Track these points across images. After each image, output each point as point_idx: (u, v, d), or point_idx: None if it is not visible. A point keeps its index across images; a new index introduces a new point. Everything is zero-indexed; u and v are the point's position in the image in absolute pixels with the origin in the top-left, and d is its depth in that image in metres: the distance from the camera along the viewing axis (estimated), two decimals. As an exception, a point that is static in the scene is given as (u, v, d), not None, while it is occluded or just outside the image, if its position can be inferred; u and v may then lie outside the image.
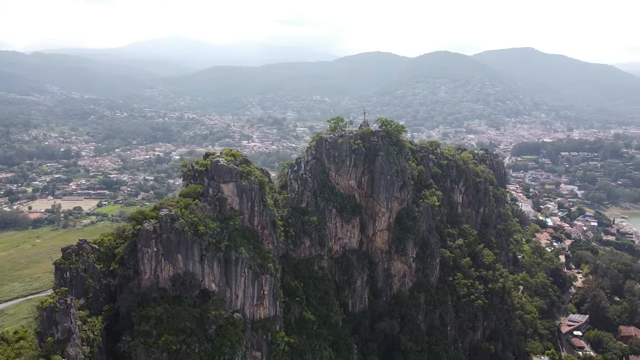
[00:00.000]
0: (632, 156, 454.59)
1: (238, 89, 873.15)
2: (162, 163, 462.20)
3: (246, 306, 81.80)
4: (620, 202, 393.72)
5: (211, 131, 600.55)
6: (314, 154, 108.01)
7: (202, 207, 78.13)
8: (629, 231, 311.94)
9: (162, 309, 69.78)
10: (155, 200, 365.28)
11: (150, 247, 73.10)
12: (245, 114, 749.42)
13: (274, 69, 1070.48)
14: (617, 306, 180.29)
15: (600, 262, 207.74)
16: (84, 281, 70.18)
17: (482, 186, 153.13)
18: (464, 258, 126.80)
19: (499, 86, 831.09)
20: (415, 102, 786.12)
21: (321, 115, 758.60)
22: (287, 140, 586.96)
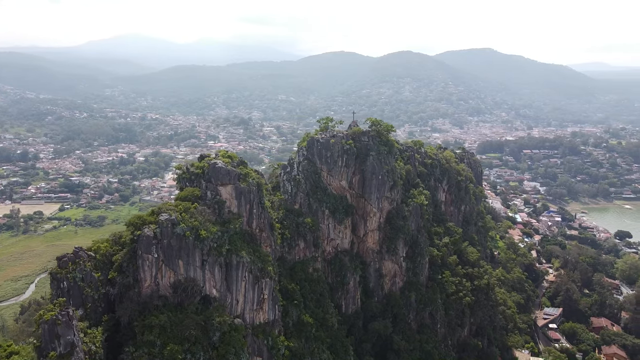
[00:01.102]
0: (590, 153, 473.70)
1: (202, 89, 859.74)
2: (126, 165, 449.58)
3: (246, 311, 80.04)
4: (580, 197, 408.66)
5: (176, 132, 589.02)
6: (305, 155, 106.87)
7: (202, 210, 75.83)
8: (590, 225, 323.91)
9: (166, 318, 67.26)
10: (120, 203, 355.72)
11: (151, 254, 70.34)
12: (210, 114, 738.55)
13: (238, 68, 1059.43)
14: (587, 299, 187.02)
15: (569, 257, 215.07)
16: (81, 291, 66.76)
17: (464, 184, 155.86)
18: (450, 256, 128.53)
19: (461, 86, 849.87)
20: (381, 102, 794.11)
21: (287, 115, 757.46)
22: (254, 140, 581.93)
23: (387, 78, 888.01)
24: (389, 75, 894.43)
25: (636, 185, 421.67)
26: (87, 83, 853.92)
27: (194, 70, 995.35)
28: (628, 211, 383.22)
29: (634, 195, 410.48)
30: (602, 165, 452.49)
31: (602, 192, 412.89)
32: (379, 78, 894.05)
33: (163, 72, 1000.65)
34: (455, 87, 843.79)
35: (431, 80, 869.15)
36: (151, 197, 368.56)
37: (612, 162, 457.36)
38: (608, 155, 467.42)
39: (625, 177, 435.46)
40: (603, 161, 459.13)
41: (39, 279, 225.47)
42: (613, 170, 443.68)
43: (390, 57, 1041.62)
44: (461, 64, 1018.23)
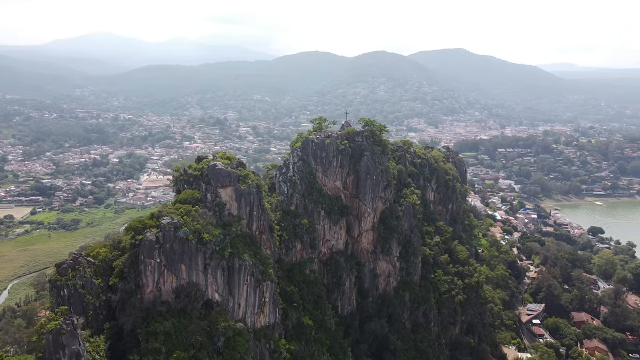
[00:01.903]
0: (561, 151, 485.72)
1: (175, 89, 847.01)
2: (99, 166, 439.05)
3: (247, 315, 78.71)
4: (553, 194, 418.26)
5: (150, 132, 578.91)
6: (300, 155, 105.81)
7: (203, 213, 74.15)
8: (564, 222, 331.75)
9: (170, 324, 65.43)
10: (95, 205, 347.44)
11: (154, 258, 68.33)
12: (185, 114, 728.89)
13: (212, 68, 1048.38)
14: (568, 294, 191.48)
15: (549, 253, 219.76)
16: (82, 298, 64.34)
17: (451, 184, 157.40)
18: (442, 255, 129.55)
19: (435, 85, 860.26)
20: (356, 101, 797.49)
21: (263, 115, 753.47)
22: (230, 140, 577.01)
23: (362, 78, 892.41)
24: (364, 75, 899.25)
25: (606, 183, 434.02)
26: (55, 83, 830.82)
27: (167, 69, 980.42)
28: (598, 207, 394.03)
29: (604, 192, 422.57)
30: (573, 163, 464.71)
31: (573, 190, 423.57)
32: (354, 78, 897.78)
33: (135, 71, 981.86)
34: (430, 87, 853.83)
35: (406, 80, 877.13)
36: (127, 199, 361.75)
37: (582, 160, 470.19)
38: (579, 154, 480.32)
39: (595, 174, 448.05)
40: (574, 159, 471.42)
41: (11, 284, 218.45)
42: (584, 168, 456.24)
43: (365, 57, 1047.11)
44: (435, 64, 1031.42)
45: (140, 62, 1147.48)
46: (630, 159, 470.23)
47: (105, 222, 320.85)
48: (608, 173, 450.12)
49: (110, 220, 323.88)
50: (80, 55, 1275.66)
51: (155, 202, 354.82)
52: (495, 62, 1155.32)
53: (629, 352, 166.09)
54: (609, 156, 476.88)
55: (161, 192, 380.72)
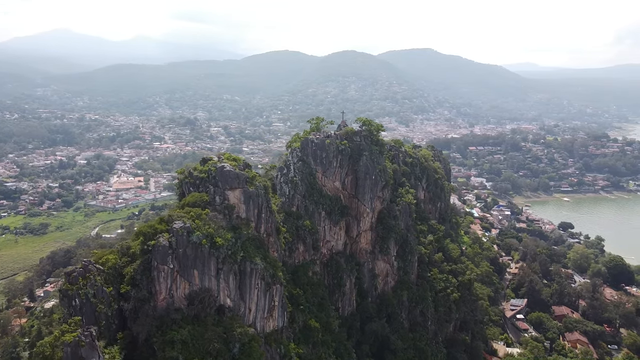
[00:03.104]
0: (530, 149, 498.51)
1: (142, 88, 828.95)
2: (66, 168, 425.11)
3: (257, 319, 76.91)
4: (523, 191, 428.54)
5: (118, 133, 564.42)
6: (299, 156, 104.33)
7: (214, 216, 71.98)
8: (536, 218, 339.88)
9: (187, 332, 63.11)
10: (64, 209, 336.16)
11: (167, 264, 65.80)
12: (153, 114, 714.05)
13: (179, 67, 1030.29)
14: (548, 289, 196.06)
15: (528, 249, 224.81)
16: (94, 308, 61.32)
17: (440, 182, 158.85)
18: (436, 253, 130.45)
19: (404, 85, 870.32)
20: (327, 101, 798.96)
21: (233, 115, 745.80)
22: (201, 140, 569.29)
23: (332, 77, 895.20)
24: (334, 75, 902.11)
25: (572, 179, 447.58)
26: (15, 82, 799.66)
27: (133, 69, 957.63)
28: (566, 203, 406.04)
29: (571, 188, 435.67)
30: (541, 161, 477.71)
31: (542, 186, 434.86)
32: (325, 77, 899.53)
33: (99, 70, 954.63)
34: (399, 86, 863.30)
35: (376, 79, 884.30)
36: (97, 201, 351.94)
37: (549, 157, 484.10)
38: (546, 151, 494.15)
39: (562, 171, 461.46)
40: (542, 157, 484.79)
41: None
42: (551, 165, 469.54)
43: (335, 57, 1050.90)
44: (404, 64, 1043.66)
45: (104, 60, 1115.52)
46: (594, 156, 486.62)
47: (75, 226, 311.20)
48: (574, 170, 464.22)
49: (80, 224, 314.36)
50: (40, 53, 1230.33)
51: (127, 204, 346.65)
52: (462, 62, 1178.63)
53: (608, 343, 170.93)
54: (574, 153, 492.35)
55: (133, 194, 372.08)
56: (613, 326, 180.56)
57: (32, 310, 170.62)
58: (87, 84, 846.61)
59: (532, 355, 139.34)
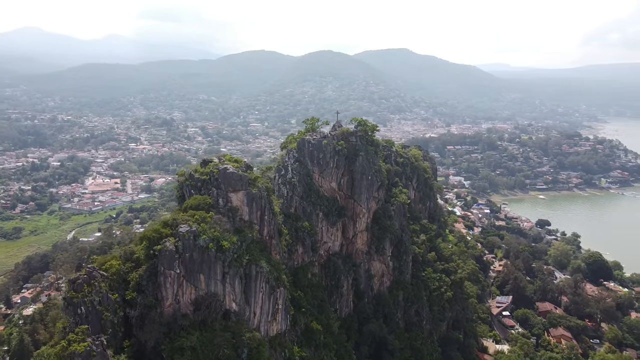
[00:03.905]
0: (506, 148, 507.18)
1: (116, 88, 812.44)
2: (38, 170, 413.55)
3: (262, 323, 75.60)
4: (500, 189, 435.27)
5: (92, 134, 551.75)
6: (296, 157, 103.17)
7: (218, 219, 70.37)
8: (514, 216, 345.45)
9: (196, 338, 61.45)
10: (37, 212, 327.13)
11: (174, 269, 63.97)
12: (128, 115, 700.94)
13: (154, 67, 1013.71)
14: (532, 285, 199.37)
15: (510, 247, 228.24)
16: (100, 315, 59.08)
17: (430, 182, 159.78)
18: (429, 253, 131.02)
19: (381, 85, 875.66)
20: (305, 101, 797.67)
21: (210, 115, 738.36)
22: (178, 141, 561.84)
23: (309, 77, 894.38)
24: (311, 75, 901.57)
25: (547, 177, 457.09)
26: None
27: (105, 68, 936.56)
28: (542, 201, 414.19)
29: (546, 186, 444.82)
30: (517, 159, 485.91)
31: (518, 184, 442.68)
32: (302, 77, 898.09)
33: (70, 70, 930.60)
34: (376, 85, 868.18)
35: (353, 79, 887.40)
36: (72, 204, 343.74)
37: (525, 156, 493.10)
38: (522, 150, 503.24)
39: (537, 169, 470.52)
40: (518, 155, 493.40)
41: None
42: (527, 164, 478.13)
43: (311, 57, 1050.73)
44: (380, 64, 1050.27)
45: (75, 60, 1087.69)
46: (567, 154, 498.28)
47: (50, 230, 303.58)
48: (549, 168, 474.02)
49: (55, 228, 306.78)
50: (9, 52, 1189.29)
51: (104, 206, 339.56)
52: (437, 62, 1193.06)
53: (590, 337, 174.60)
54: (549, 152, 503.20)
55: (109, 196, 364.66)
56: (594, 321, 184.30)
57: (9, 317, 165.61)
58: (58, 84, 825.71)
59: (522, 351, 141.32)
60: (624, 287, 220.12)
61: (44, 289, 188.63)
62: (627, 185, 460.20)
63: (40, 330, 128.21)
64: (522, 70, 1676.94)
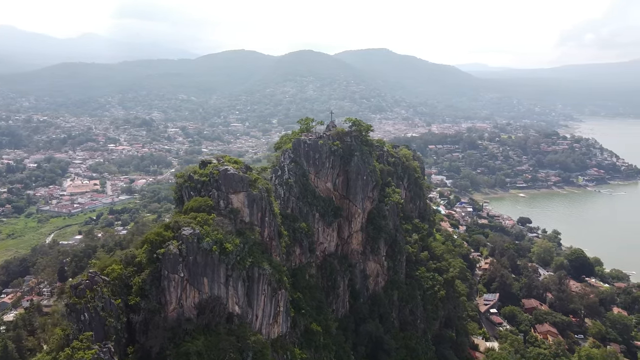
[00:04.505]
0: (486, 147, 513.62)
1: (93, 88, 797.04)
2: (14, 172, 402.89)
3: (263, 326, 74.62)
4: (481, 188, 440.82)
5: (70, 134, 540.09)
6: (292, 157, 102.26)
7: (220, 221, 69.14)
8: (496, 214, 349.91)
9: (201, 343, 60.20)
10: (14, 215, 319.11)
11: (177, 273, 62.57)
12: (106, 115, 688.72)
13: (132, 67, 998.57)
14: (517, 283, 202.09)
15: (495, 245, 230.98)
16: (103, 321, 57.38)
17: (420, 181, 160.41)
18: (422, 252, 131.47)
19: (362, 84, 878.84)
20: (286, 100, 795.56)
21: (190, 115, 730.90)
22: (158, 142, 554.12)
23: (290, 77, 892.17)
24: (292, 74, 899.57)
25: (526, 176, 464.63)
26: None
27: (82, 67, 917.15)
28: (522, 199, 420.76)
29: (525, 185, 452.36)
30: (497, 158, 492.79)
31: (499, 183, 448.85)
32: (282, 77, 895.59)
33: (45, 69, 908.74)
34: (357, 85, 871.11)
35: (333, 79, 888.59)
36: (50, 207, 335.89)
37: (505, 154, 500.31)
38: (501, 149, 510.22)
39: (517, 168, 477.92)
40: (498, 154, 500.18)
41: None
42: (507, 162, 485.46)
43: (292, 56, 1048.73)
44: (360, 64, 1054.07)
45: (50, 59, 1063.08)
46: (546, 153, 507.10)
47: (28, 233, 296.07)
48: (528, 167, 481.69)
49: (33, 231, 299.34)
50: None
51: (84, 209, 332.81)
52: (416, 62, 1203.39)
53: (575, 333, 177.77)
54: (528, 151, 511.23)
55: (89, 198, 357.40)
56: (578, 316, 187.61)
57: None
58: (33, 84, 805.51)
59: (513, 348, 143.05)
60: (604, 282, 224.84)
61: (24, 294, 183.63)
62: (603, 183, 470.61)
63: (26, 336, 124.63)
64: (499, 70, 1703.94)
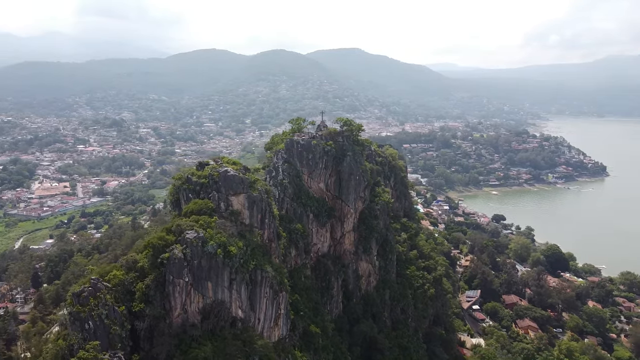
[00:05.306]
0: (459, 145, 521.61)
1: (59, 88, 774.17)
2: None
3: (265, 329, 73.37)
4: (455, 186, 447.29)
5: (36, 136, 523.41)
6: (285, 158, 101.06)
7: (222, 224, 67.56)
8: (471, 211, 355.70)
9: (209, 349, 58.63)
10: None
11: (182, 278, 60.78)
12: (74, 116, 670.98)
13: (99, 66, 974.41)
14: (497, 279, 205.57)
15: (475, 242, 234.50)
16: (108, 329, 55.18)
17: (405, 180, 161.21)
18: (411, 251, 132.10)
19: (335, 84, 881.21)
20: (259, 100, 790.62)
21: (161, 115, 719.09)
22: (130, 142, 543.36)
23: (262, 76, 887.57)
24: (265, 74, 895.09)
25: (499, 174, 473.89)
26: None
27: (47, 67, 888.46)
28: (494, 196, 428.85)
29: (498, 182, 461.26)
30: (470, 157, 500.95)
31: (472, 181, 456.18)
32: (255, 76, 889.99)
33: (7, 69, 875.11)
34: (330, 85, 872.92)
35: (306, 78, 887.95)
36: (18, 210, 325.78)
37: (478, 153, 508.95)
38: (474, 147, 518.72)
39: (489, 166, 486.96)
40: (471, 153, 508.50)
41: None
42: (479, 161, 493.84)
43: (264, 56, 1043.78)
44: (333, 63, 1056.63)
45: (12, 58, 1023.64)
46: (517, 151, 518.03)
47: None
48: (500, 165, 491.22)
49: (1, 235, 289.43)
50: None
51: (54, 212, 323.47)
52: (389, 62, 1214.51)
53: (554, 327, 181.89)
54: (499, 149, 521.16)
55: (59, 200, 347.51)
56: (556, 311, 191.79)
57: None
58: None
59: (499, 344, 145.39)
60: (578, 277, 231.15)
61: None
62: (571, 180, 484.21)
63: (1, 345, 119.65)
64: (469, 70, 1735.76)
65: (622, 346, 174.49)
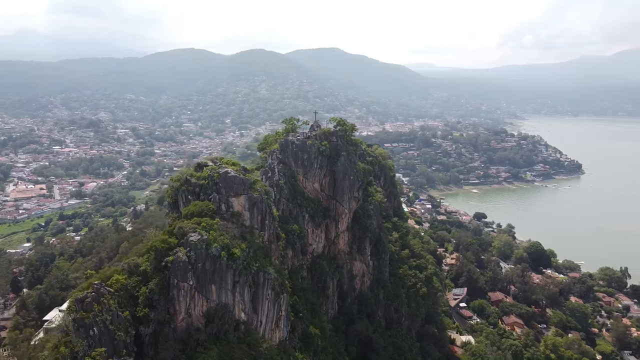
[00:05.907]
0: (440, 145, 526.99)
1: (33, 87, 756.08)
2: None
3: (266, 331, 72.44)
4: (437, 185, 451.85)
5: (10, 136, 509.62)
6: (280, 158, 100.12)
7: (224, 226, 66.42)
8: (453, 210, 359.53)
9: (215, 353, 57.52)
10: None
11: (187, 281, 59.50)
12: (48, 116, 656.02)
13: (74, 65, 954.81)
14: (483, 277, 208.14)
15: (460, 241, 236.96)
16: (112, 335, 53.59)
17: (394, 180, 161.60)
18: (403, 250, 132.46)
19: (315, 84, 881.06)
20: (238, 100, 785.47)
21: (140, 116, 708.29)
22: (108, 143, 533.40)
23: (242, 76, 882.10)
24: (244, 74, 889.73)
25: (479, 172, 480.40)
26: None
27: (19, 66, 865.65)
28: (475, 195, 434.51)
29: (478, 181, 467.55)
30: (451, 155, 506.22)
31: (453, 180, 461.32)
32: (234, 76, 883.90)
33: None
34: (310, 85, 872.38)
35: (286, 78, 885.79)
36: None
37: (458, 152, 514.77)
38: (454, 146, 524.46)
39: (469, 165, 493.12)
40: (451, 152, 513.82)
41: None
42: (459, 160, 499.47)
43: (243, 55, 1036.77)
44: (312, 63, 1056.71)
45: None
46: (495, 150, 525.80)
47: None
48: (480, 163, 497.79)
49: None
50: None
51: (30, 215, 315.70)
52: (367, 62, 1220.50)
53: (539, 323, 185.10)
54: (479, 148, 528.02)
55: (35, 203, 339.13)
56: (540, 307, 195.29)
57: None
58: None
59: (488, 341, 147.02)
60: (559, 273, 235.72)
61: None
62: (548, 177, 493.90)
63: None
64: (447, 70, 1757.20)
65: (604, 340, 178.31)
